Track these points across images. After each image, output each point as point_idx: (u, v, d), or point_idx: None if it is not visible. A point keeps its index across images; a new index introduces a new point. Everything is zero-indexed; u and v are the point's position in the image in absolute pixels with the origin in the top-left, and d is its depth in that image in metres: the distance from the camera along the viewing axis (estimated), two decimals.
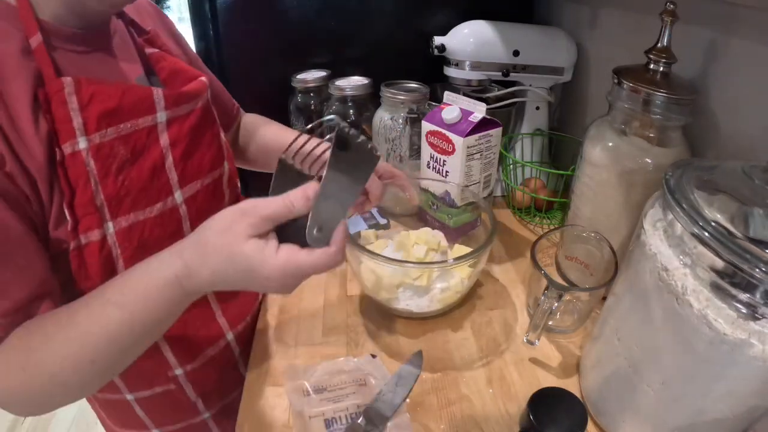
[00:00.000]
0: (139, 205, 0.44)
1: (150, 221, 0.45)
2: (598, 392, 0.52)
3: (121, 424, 0.64)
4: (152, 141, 0.44)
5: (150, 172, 0.44)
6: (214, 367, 0.62)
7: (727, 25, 0.58)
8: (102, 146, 0.41)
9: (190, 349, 0.58)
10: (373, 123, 0.86)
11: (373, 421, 0.51)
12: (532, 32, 0.93)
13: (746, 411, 0.39)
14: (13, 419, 1.58)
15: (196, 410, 0.64)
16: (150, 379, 0.58)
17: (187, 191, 0.48)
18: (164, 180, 0.46)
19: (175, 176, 0.46)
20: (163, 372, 0.58)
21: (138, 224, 0.45)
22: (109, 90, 0.41)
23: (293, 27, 1.00)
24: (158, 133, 0.44)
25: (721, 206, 0.38)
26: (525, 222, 0.89)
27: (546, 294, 0.54)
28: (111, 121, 0.41)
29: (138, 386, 0.58)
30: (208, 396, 0.64)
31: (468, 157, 0.74)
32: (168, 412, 0.63)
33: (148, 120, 0.43)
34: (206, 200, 0.51)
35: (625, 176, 0.59)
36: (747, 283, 0.34)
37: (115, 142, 0.42)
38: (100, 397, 0.61)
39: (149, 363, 0.55)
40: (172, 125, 0.46)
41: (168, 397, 0.60)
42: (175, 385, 0.60)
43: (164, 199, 0.46)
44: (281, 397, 0.55)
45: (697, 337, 0.37)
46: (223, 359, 0.63)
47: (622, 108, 0.60)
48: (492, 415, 0.53)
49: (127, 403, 0.59)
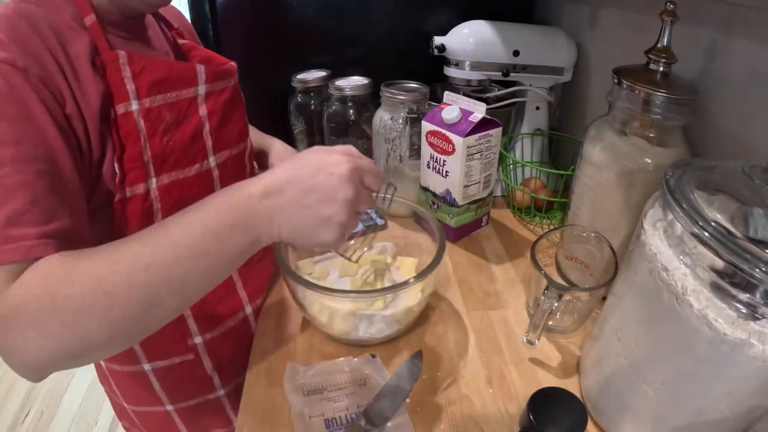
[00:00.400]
0: (180, 164, 0.49)
1: (188, 180, 0.51)
2: (598, 392, 0.52)
3: (136, 400, 0.64)
4: (193, 110, 0.50)
5: (191, 137, 0.50)
6: (231, 339, 0.64)
7: (727, 25, 0.58)
8: (151, 110, 0.46)
9: (211, 319, 0.60)
10: (373, 123, 0.86)
11: (373, 421, 0.51)
12: (532, 32, 0.93)
13: (746, 411, 0.39)
14: (13, 419, 1.58)
15: (211, 385, 0.65)
16: (169, 347, 0.60)
17: (219, 158, 0.53)
18: (201, 145, 0.51)
19: (210, 143, 0.52)
20: (183, 340, 0.59)
21: (178, 182, 0.50)
22: (157, 63, 0.47)
23: (293, 27, 1.00)
24: (198, 104, 0.50)
25: (721, 206, 0.38)
26: (525, 222, 0.89)
27: (546, 294, 0.54)
28: (159, 90, 0.47)
29: (157, 355, 0.59)
30: (223, 370, 0.65)
31: (468, 157, 0.74)
32: (184, 385, 0.63)
33: (190, 92, 0.49)
34: (233, 168, 0.56)
35: (625, 176, 0.59)
36: (747, 283, 0.34)
37: (162, 108, 0.47)
38: (117, 369, 0.61)
39: (170, 329, 0.55)
40: (209, 98, 0.51)
41: (185, 369, 0.61)
42: (194, 355, 0.61)
43: (201, 162, 0.51)
44: (281, 397, 0.55)
45: (697, 337, 0.37)
46: (240, 332, 0.65)
47: (622, 108, 0.60)
48: (492, 415, 0.53)
49: (144, 375, 0.60)
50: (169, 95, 0.48)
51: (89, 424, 1.57)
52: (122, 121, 0.45)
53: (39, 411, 1.61)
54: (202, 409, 0.66)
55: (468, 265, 0.78)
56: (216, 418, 0.68)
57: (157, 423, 0.66)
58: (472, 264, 0.78)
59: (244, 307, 0.65)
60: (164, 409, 0.64)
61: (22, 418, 1.59)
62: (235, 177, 0.54)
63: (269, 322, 0.66)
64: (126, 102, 0.45)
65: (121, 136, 0.45)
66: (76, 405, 1.63)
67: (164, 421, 0.66)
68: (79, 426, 1.56)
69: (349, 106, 0.89)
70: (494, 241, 0.84)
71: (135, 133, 0.46)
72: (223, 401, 0.67)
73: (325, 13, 0.99)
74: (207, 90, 0.51)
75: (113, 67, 0.44)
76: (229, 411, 0.68)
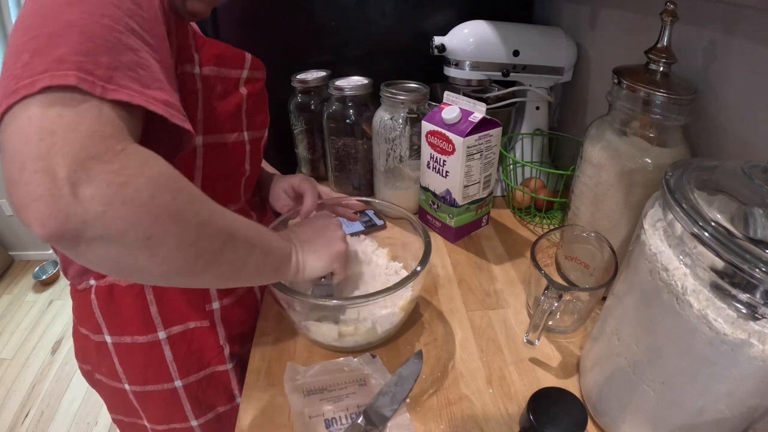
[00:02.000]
0: (224, 129, 0.55)
1: (228, 146, 0.57)
2: (598, 392, 0.52)
3: (143, 377, 0.64)
4: (236, 89, 0.56)
5: (234, 108, 0.56)
6: (241, 308, 0.67)
7: (727, 25, 0.58)
8: (208, 78, 0.52)
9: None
10: (373, 123, 0.86)
11: (373, 421, 0.51)
12: (531, 32, 0.93)
13: (746, 411, 0.39)
14: (13, 419, 1.58)
15: (221, 357, 0.65)
16: (187, 312, 0.61)
17: (250, 135, 0.60)
18: (239, 119, 0.57)
19: (245, 120, 0.58)
20: (202, 306, 0.62)
21: (219, 145, 0.56)
22: (216, 43, 0.53)
23: (293, 27, 1.00)
24: (240, 85, 0.56)
25: (721, 206, 0.38)
26: (525, 222, 0.90)
27: (546, 294, 0.54)
28: (216, 63, 0.53)
29: (174, 319, 0.61)
30: (233, 341, 0.67)
31: (468, 157, 0.74)
32: (196, 355, 0.64)
33: (237, 72, 0.55)
34: (257, 149, 0.63)
35: (625, 176, 0.59)
36: (747, 283, 0.34)
37: (216, 78, 0.53)
38: (128, 341, 0.61)
39: (192, 292, 0.61)
40: (249, 82, 0.57)
41: (199, 336, 0.63)
42: (209, 323, 0.63)
43: (238, 132, 0.57)
44: (281, 397, 0.55)
45: (697, 337, 0.37)
46: (247, 302, 0.69)
47: (622, 108, 0.60)
48: (492, 415, 0.53)
49: (158, 346, 0.61)
50: (222, 70, 0.54)
51: (89, 424, 1.57)
52: (186, 79, 0.50)
53: (39, 411, 1.61)
54: (210, 384, 0.66)
55: (468, 265, 0.78)
56: (221, 394, 0.68)
57: (161, 405, 0.66)
58: (472, 264, 0.78)
59: None
60: (172, 386, 0.64)
61: (22, 418, 1.59)
62: (258, 157, 0.63)
63: (269, 322, 0.66)
64: (191, 64, 0.50)
65: (182, 92, 0.49)
66: (76, 405, 1.63)
67: (170, 401, 0.65)
68: (79, 426, 1.56)
69: (349, 106, 0.89)
70: (494, 241, 0.84)
71: (195, 92, 0.51)
72: (230, 374, 0.68)
73: (325, 13, 0.99)
74: (248, 75, 0.57)
75: (183, 33, 0.49)
76: (234, 386, 0.68)
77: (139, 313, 0.59)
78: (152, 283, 0.44)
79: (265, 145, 0.66)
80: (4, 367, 1.79)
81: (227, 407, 0.70)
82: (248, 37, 1.00)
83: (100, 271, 0.37)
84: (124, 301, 0.59)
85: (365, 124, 0.89)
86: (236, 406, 0.69)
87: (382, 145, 0.86)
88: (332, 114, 0.90)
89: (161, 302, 0.60)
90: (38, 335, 1.93)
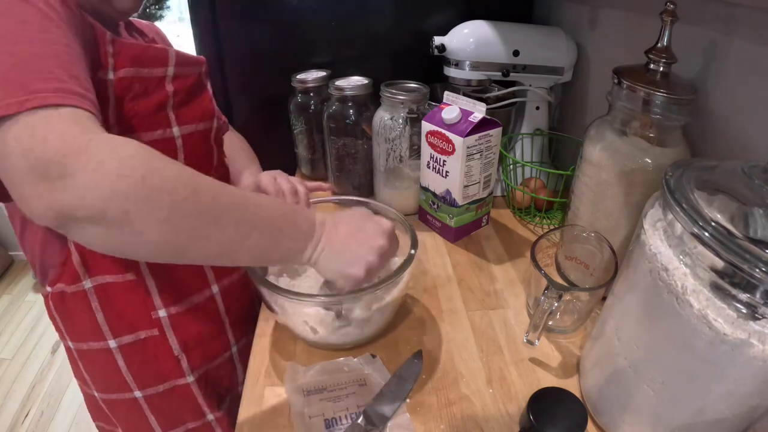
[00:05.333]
0: (142, 126, 0.54)
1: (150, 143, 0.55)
2: (598, 392, 0.52)
3: (105, 385, 0.65)
4: (160, 87, 0.55)
5: (155, 106, 0.55)
6: (197, 317, 0.65)
7: (727, 25, 0.58)
8: (122, 80, 0.51)
9: (175, 292, 0.62)
10: (373, 123, 0.86)
11: (373, 421, 0.51)
12: (531, 32, 0.93)
13: (746, 411, 0.39)
14: (13, 419, 1.58)
15: (179, 369, 0.64)
16: (133, 320, 0.60)
17: (183, 129, 0.58)
18: (164, 115, 0.56)
19: (174, 116, 0.57)
20: (147, 312, 0.60)
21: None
22: (135, 45, 0.53)
23: (293, 27, 1.00)
24: (166, 83, 0.56)
25: (721, 206, 0.38)
26: (525, 222, 0.90)
27: (546, 294, 0.54)
28: (134, 64, 0.52)
29: (121, 328, 0.60)
30: (191, 352, 0.65)
31: (468, 157, 0.74)
32: (151, 365, 0.63)
33: (161, 71, 0.55)
34: (200, 142, 0.62)
35: (625, 176, 0.59)
36: (747, 283, 0.34)
37: (132, 80, 0.52)
38: (84, 347, 0.61)
39: (134, 299, 0.59)
40: (177, 79, 0.57)
41: (151, 346, 0.62)
42: (158, 331, 0.61)
43: (163, 129, 0.56)
44: (281, 397, 0.55)
45: (697, 337, 0.37)
46: (206, 311, 0.66)
47: (622, 108, 0.60)
48: (492, 415, 0.53)
49: (110, 354, 0.61)
50: (142, 71, 0.53)
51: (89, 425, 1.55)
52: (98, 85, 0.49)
53: (39, 411, 1.61)
54: (172, 398, 0.66)
55: (468, 265, 0.78)
56: (187, 410, 0.67)
57: (128, 414, 0.66)
58: (472, 264, 0.78)
59: (210, 286, 0.65)
60: (133, 396, 0.64)
61: (22, 418, 1.59)
62: (201, 150, 0.62)
63: (269, 323, 0.66)
64: (105, 70, 0.50)
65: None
66: (76, 405, 1.62)
67: (135, 413, 0.65)
68: (79, 426, 1.56)
69: (349, 106, 0.89)
70: (494, 241, 0.84)
71: (107, 98, 0.51)
72: (194, 389, 0.66)
73: (325, 13, 0.99)
74: (175, 72, 0.56)
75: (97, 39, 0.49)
76: (201, 402, 0.67)
77: (89, 321, 0.59)
78: (146, 259, 0.52)
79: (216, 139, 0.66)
80: (4, 367, 1.79)
81: (198, 423, 0.69)
82: (248, 37, 1.00)
83: (102, 252, 0.40)
84: (74, 307, 0.59)
85: (365, 124, 0.89)
86: (208, 424, 0.69)
87: (382, 145, 0.86)
88: (332, 114, 0.90)
89: (107, 309, 0.59)
90: (38, 335, 1.93)
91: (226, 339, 0.70)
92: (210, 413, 0.68)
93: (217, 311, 0.67)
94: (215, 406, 0.68)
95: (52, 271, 0.58)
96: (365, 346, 0.62)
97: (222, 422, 0.70)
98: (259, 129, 0.84)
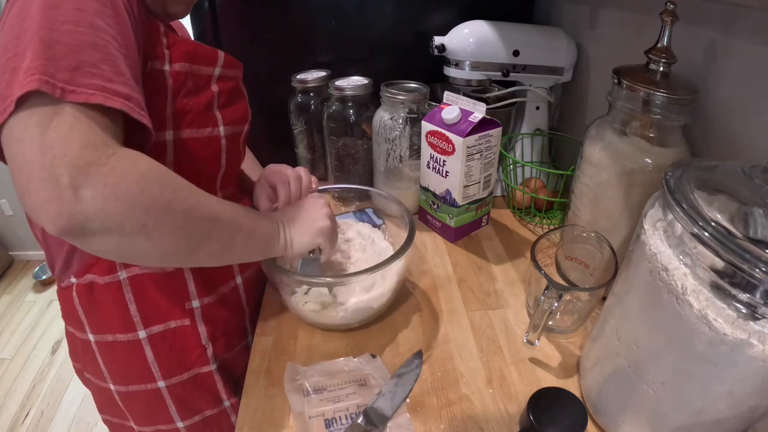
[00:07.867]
0: (195, 124, 0.56)
1: (201, 140, 0.58)
2: (598, 392, 0.52)
3: (125, 378, 0.64)
4: (208, 86, 0.57)
5: (205, 104, 0.57)
6: (224, 308, 0.67)
7: (727, 25, 0.58)
8: (178, 74, 0.53)
9: (208, 283, 0.63)
10: (373, 123, 0.86)
11: (373, 421, 0.51)
12: (531, 32, 0.93)
13: (746, 411, 0.39)
14: (13, 419, 1.58)
15: (205, 357, 0.65)
16: (167, 310, 0.61)
17: (227, 130, 0.60)
18: (212, 114, 0.58)
19: (219, 116, 0.59)
20: (181, 303, 0.62)
21: (191, 140, 0.57)
22: (188, 41, 0.55)
23: (293, 27, 1.00)
24: (212, 82, 0.57)
25: (721, 206, 0.38)
26: (525, 222, 0.90)
27: (546, 294, 0.54)
28: (187, 60, 0.54)
29: (154, 318, 0.61)
30: (217, 341, 0.66)
31: (468, 157, 0.74)
32: (178, 354, 0.63)
33: (209, 69, 0.57)
34: (236, 144, 0.64)
35: (625, 176, 0.59)
36: (747, 283, 0.34)
37: (187, 75, 0.54)
38: (110, 339, 0.61)
39: (170, 290, 0.61)
40: (221, 80, 0.59)
41: (180, 335, 0.62)
42: (190, 321, 0.62)
43: (212, 127, 0.58)
44: (281, 397, 0.55)
45: (697, 337, 0.37)
46: (232, 301, 0.68)
47: (622, 108, 0.60)
48: (492, 415, 0.53)
49: (138, 345, 0.61)
50: (194, 67, 0.55)
51: (89, 424, 1.57)
52: (155, 75, 0.51)
53: (39, 411, 1.61)
54: (194, 386, 0.66)
55: (468, 265, 0.78)
56: (207, 397, 0.67)
57: (146, 405, 0.66)
58: (472, 264, 0.78)
59: (235, 277, 0.67)
60: (155, 386, 0.64)
61: (22, 418, 1.59)
62: (236, 152, 0.64)
63: (269, 323, 0.66)
64: (161, 60, 0.52)
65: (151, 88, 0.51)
66: (76, 405, 1.63)
67: (154, 402, 0.65)
68: (79, 426, 1.56)
69: (349, 106, 0.89)
70: (494, 241, 0.84)
71: (165, 89, 0.52)
72: (215, 376, 0.67)
73: (325, 13, 0.99)
74: (221, 73, 0.58)
75: (153, 31, 0.51)
76: (220, 389, 0.68)
77: (119, 312, 0.59)
78: (153, 264, 0.56)
79: (245, 140, 0.67)
80: (4, 367, 1.79)
81: (215, 411, 0.69)
82: (248, 37, 1.00)
83: (107, 258, 0.42)
84: (104, 299, 0.59)
85: (365, 124, 0.89)
86: (224, 411, 0.69)
87: (382, 145, 0.86)
88: (332, 114, 0.90)
89: (140, 300, 0.59)
90: (38, 335, 1.93)
91: (245, 328, 0.71)
92: (227, 399, 0.68)
93: (240, 302, 0.70)
94: (231, 392, 0.69)
95: (80, 263, 0.57)
96: (365, 328, 0.62)
97: (236, 408, 0.71)
98: (259, 129, 0.84)
